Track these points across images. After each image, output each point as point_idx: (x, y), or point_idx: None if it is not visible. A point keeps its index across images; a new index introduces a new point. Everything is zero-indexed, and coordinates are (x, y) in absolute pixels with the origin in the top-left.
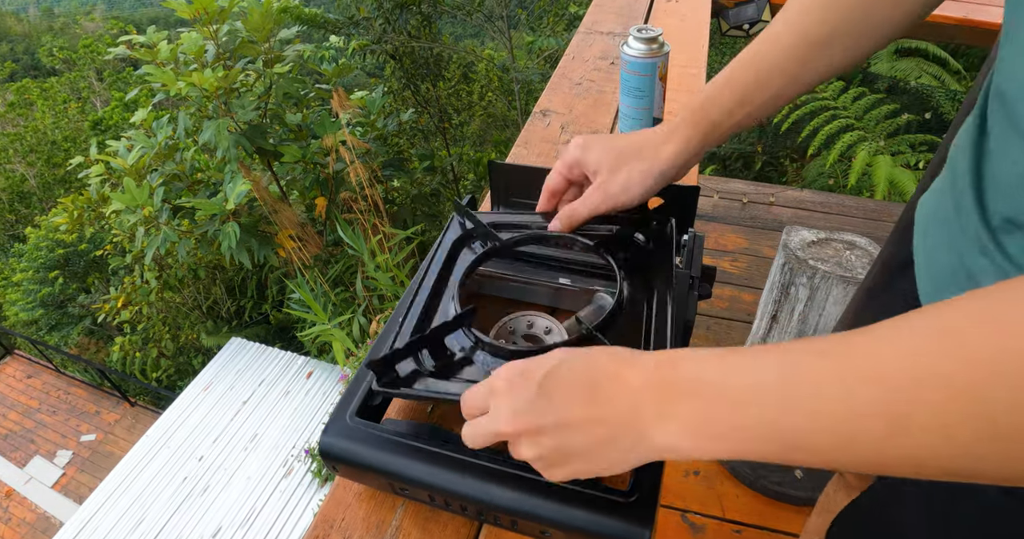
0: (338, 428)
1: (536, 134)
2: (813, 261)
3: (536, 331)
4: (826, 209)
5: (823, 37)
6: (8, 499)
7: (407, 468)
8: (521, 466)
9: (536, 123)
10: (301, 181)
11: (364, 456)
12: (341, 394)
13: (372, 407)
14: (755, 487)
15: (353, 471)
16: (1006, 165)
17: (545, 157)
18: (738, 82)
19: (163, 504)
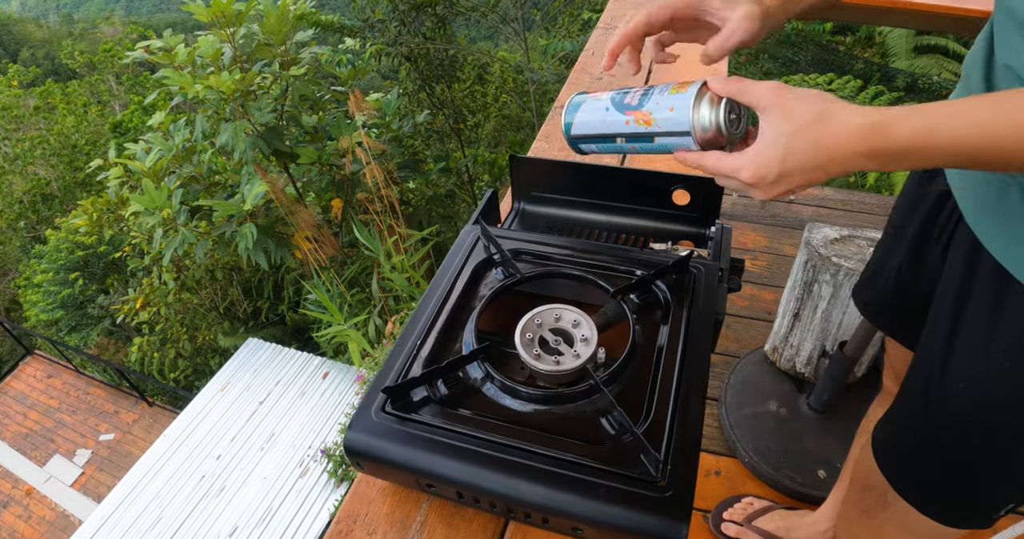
0: (363, 423)
1: (558, 128)
2: (836, 258)
3: (564, 324)
4: (847, 207)
5: None
6: (28, 497)
7: (435, 464)
8: (553, 462)
9: (557, 117)
10: (317, 183)
11: (390, 452)
12: (358, 395)
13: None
14: (777, 487)
15: (379, 468)
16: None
17: (567, 151)
18: None
19: (180, 503)
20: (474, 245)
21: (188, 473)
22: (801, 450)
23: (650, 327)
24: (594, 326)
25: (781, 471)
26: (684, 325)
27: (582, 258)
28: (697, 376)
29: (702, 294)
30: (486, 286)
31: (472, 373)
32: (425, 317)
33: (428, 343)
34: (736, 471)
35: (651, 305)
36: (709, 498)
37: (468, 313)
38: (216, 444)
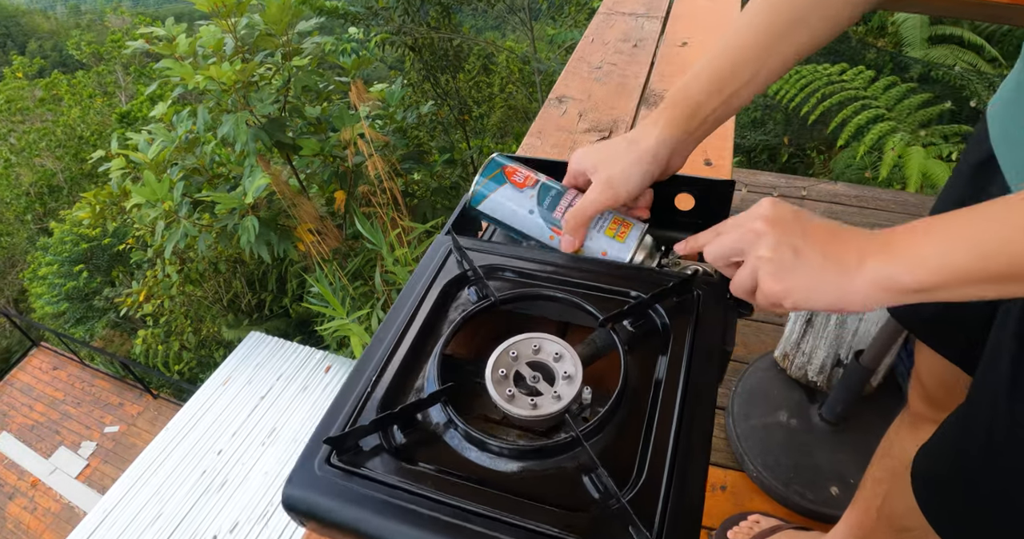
0: (305, 477)
1: (551, 122)
2: None
3: (543, 357)
4: (861, 203)
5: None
6: (34, 489)
7: (384, 530)
8: (524, 534)
9: (551, 110)
10: (320, 174)
11: (334, 513)
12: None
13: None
14: (786, 504)
15: (323, 529)
16: None
17: (560, 148)
18: (714, 68)
19: (182, 498)
20: (445, 258)
21: (189, 468)
22: (812, 465)
23: (645, 360)
24: (579, 360)
25: (791, 487)
26: (686, 358)
27: (568, 276)
28: (700, 425)
29: (708, 321)
30: (457, 308)
31: (434, 416)
32: (383, 348)
33: (385, 379)
34: (743, 486)
35: (647, 333)
36: (714, 515)
37: (434, 342)
38: (217, 439)
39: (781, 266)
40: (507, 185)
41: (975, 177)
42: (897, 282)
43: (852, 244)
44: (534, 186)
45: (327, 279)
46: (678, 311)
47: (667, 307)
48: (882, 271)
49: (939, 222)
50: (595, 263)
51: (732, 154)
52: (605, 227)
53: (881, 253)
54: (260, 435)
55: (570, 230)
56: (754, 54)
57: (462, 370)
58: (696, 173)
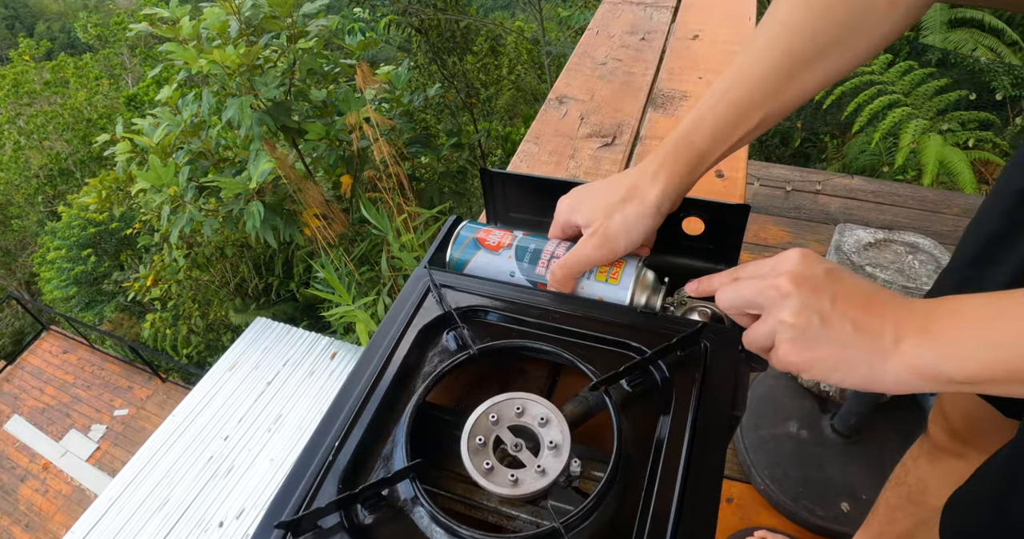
0: None
1: (549, 127)
2: (871, 267)
3: (527, 421)
4: (878, 199)
5: (809, 54)
6: (45, 471)
7: None
8: None
9: (550, 112)
10: (326, 159)
11: None
12: None
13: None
14: (794, 519)
15: None
16: None
17: (559, 156)
18: (719, 114)
19: (189, 483)
20: (423, 296)
21: (197, 453)
22: (823, 478)
23: (644, 421)
24: (567, 427)
25: (800, 501)
26: (690, 423)
27: (559, 322)
28: (702, 517)
29: (716, 378)
30: (434, 358)
31: (402, 491)
32: (349, 407)
33: (350, 445)
34: (750, 499)
35: (646, 392)
36: (719, 529)
37: (407, 397)
38: (224, 424)
39: (804, 334)
40: (482, 250)
41: (1018, 206)
42: (940, 372)
43: (888, 317)
44: (510, 246)
45: (333, 264)
46: (682, 365)
47: (669, 362)
48: (923, 357)
49: (988, 307)
50: (589, 307)
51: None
52: (595, 270)
53: (921, 335)
54: (266, 421)
55: (557, 283)
56: (766, 93)
57: (439, 421)
58: (708, 186)
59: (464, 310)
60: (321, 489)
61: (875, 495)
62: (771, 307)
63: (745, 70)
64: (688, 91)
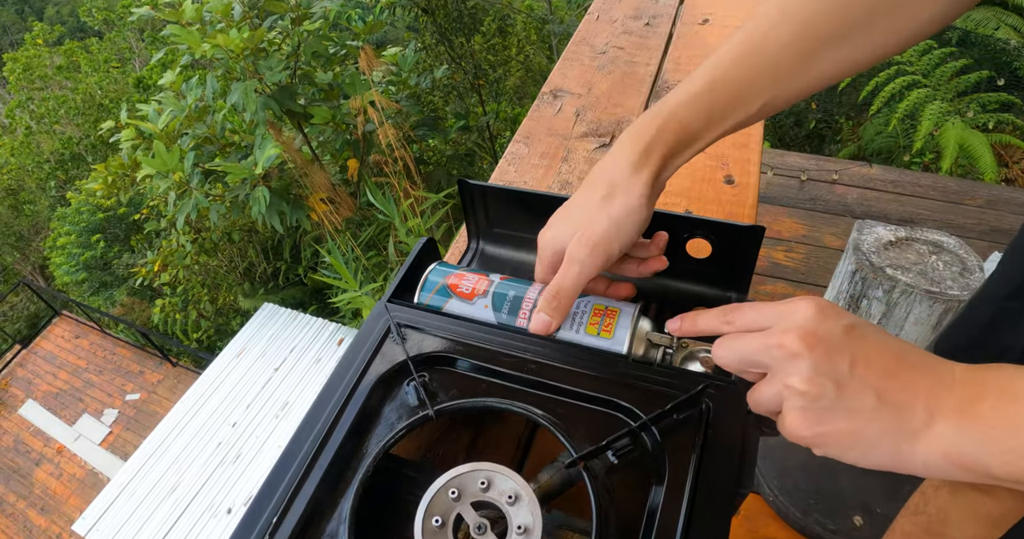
0: None
1: (542, 124)
2: (891, 269)
3: (493, 496)
4: (898, 189)
5: (832, 33)
6: (59, 455)
7: None
8: None
9: (543, 108)
10: (332, 143)
11: None
12: None
13: None
14: (805, 532)
15: None
16: None
17: (551, 158)
18: (723, 86)
19: (198, 469)
20: (383, 338)
21: (205, 440)
22: (835, 490)
23: (630, 497)
24: (538, 505)
25: (810, 514)
26: (686, 501)
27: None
28: None
29: (718, 445)
30: (392, 413)
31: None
32: (291, 474)
33: (289, 522)
34: (758, 510)
35: (635, 461)
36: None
37: (359, 460)
38: (232, 411)
39: (816, 404)
40: (454, 299)
41: None
42: (980, 464)
43: (920, 389)
44: (485, 293)
45: (340, 249)
46: (679, 427)
47: (664, 427)
48: (961, 445)
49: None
50: (573, 356)
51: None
52: (585, 323)
53: (961, 417)
54: (274, 408)
55: (552, 312)
56: (776, 75)
57: (398, 475)
58: (715, 192)
59: (425, 357)
60: None
61: (889, 509)
62: (778, 369)
63: (754, 44)
64: None
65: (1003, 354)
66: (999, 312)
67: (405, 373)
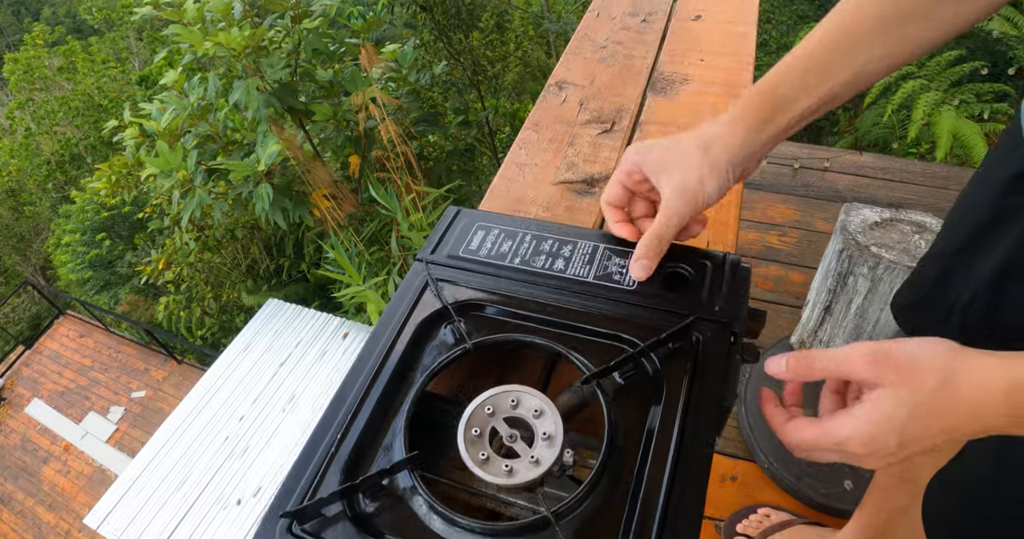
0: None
1: (549, 113)
2: (876, 247)
3: (522, 413)
4: (888, 176)
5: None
6: (67, 453)
7: None
8: None
9: (550, 99)
10: (334, 139)
11: None
12: None
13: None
14: (798, 497)
15: None
16: None
17: (558, 143)
18: (816, 56)
19: (207, 462)
20: (422, 291)
21: (213, 434)
22: None
23: (635, 411)
24: (560, 419)
25: (803, 480)
26: (680, 415)
27: (555, 316)
28: (692, 500)
29: (707, 370)
30: (432, 351)
31: (401, 481)
32: (350, 401)
33: (351, 438)
34: (754, 477)
35: (638, 385)
36: (722, 506)
37: (407, 390)
38: (239, 405)
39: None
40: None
41: (1008, 194)
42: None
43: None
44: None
45: (343, 245)
46: (674, 357)
47: (661, 354)
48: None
49: None
50: (585, 299)
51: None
52: None
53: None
54: (280, 402)
55: (652, 256)
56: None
57: (438, 410)
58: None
59: (461, 304)
60: (325, 480)
61: None
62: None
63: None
64: (689, 74)
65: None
66: (948, 267)
67: (442, 318)
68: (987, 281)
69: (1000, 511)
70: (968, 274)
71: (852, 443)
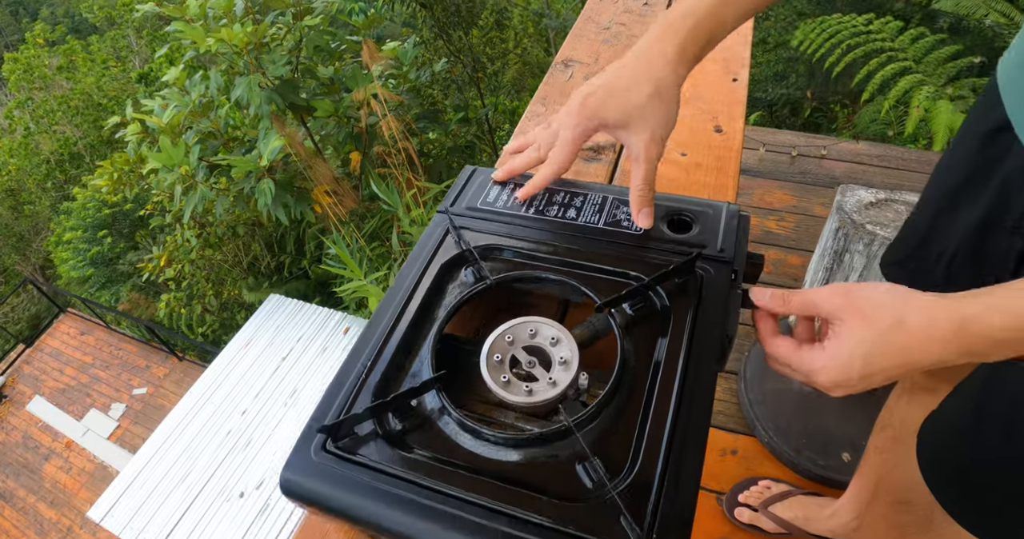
0: (301, 463)
1: (556, 88)
2: (871, 225)
3: (540, 341)
4: (884, 163)
5: None
6: (68, 450)
7: (376, 516)
8: (514, 523)
9: (557, 75)
10: (335, 136)
11: (329, 499)
12: None
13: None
14: (797, 469)
15: (321, 512)
16: None
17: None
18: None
19: (209, 457)
20: (443, 238)
21: (215, 428)
22: (825, 430)
23: (644, 342)
24: (575, 345)
25: (802, 453)
26: (685, 343)
27: (568, 257)
28: (696, 417)
29: (710, 304)
30: (454, 290)
31: (429, 402)
32: (379, 332)
33: (381, 364)
34: (754, 451)
35: (647, 316)
36: (723, 479)
37: (431, 324)
38: (241, 400)
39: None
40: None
41: (986, 147)
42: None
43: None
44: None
45: (344, 241)
46: (680, 292)
47: (668, 289)
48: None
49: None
50: (596, 243)
51: (743, 116)
52: None
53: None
54: (282, 396)
55: (648, 204)
56: None
57: (460, 350)
58: (708, 139)
59: (480, 248)
60: (357, 400)
61: None
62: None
63: None
64: None
65: (936, 262)
66: (932, 223)
67: (463, 261)
68: (969, 233)
69: (989, 451)
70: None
71: (820, 375)
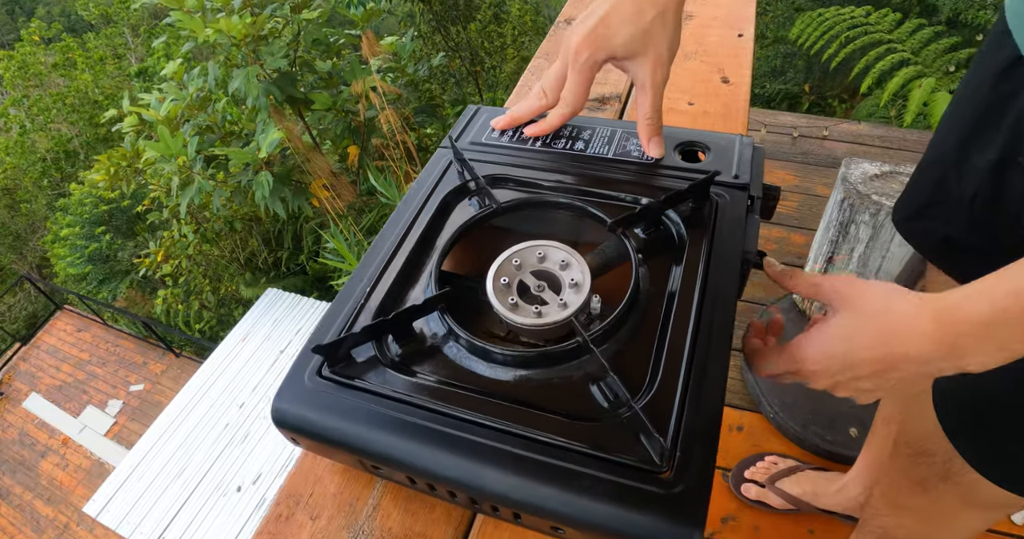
0: (294, 390)
1: (558, 45)
2: (877, 196)
3: (549, 266)
4: (885, 143)
5: None
6: (65, 447)
7: (378, 443)
8: (527, 444)
9: (559, 33)
10: (333, 129)
11: (324, 426)
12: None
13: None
14: (804, 445)
15: (315, 444)
16: None
17: None
18: None
19: (206, 451)
20: (446, 170)
21: (213, 422)
22: (831, 406)
23: (659, 269)
24: (587, 268)
25: (809, 428)
26: (703, 266)
27: (576, 184)
28: (719, 331)
29: (726, 226)
30: (459, 219)
31: (433, 327)
32: (379, 258)
33: (381, 289)
34: (760, 427)
35: (661, 242)
36: (730, 455)
37: (433, 253)
38: (239, 393)
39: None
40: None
41: (999, 84)
42: (958, 310)
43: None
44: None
45: (342, 234)
46: (695, 218)
47: (683, 215)
48: (944, 300)
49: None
50: (605, 169)
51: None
52: None
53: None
54: None
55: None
56: None
57: (463, 287)
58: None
59: (487, 177)
60: (355, 326)
61: None
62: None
63: None
64: (692, 11)
65: (955, 208)
66: (947, 166)
67: (466, 192)
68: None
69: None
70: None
71: (808, 361)
